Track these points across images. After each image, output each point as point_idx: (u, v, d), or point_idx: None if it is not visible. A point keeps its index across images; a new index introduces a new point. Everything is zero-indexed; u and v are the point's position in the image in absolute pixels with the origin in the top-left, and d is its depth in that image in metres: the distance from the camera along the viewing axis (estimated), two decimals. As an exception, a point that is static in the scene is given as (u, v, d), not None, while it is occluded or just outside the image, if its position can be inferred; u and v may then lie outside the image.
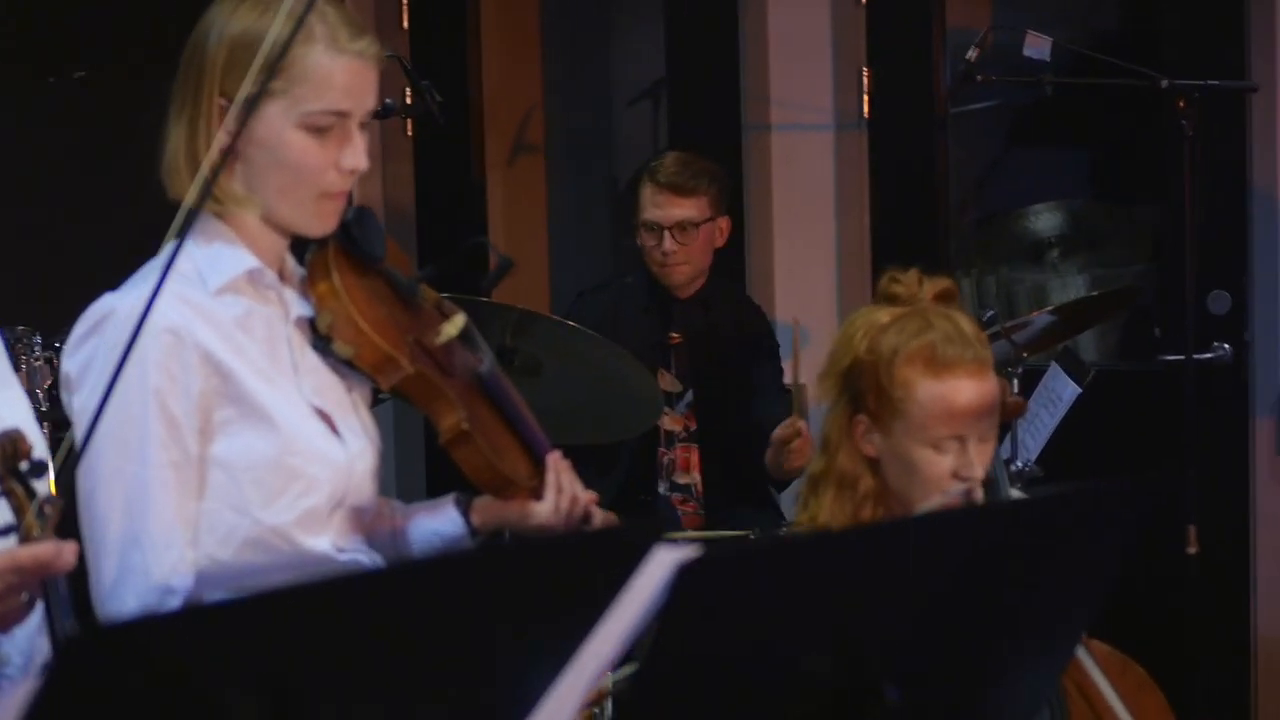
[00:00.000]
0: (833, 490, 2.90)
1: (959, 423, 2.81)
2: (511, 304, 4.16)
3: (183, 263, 2.56)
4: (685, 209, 4.75)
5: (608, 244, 7.15)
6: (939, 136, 5.47)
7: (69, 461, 2.46)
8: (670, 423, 4.86)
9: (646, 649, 1.84)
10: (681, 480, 4.87)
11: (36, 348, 4.23)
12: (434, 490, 2.80)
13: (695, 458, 4.86)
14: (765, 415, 4.83)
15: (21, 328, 4.22)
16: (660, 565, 1.82)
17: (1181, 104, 4.39)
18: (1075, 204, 6.14)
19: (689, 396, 4.88)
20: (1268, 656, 4.95)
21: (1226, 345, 4.99)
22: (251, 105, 2.49)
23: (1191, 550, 4.40)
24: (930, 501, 2.83)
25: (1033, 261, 6.00)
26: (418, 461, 5.95)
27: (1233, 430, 4.99)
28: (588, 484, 4.77)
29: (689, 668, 1.85)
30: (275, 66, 2.47)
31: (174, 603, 2.50)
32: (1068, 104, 5.90)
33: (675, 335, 4.87)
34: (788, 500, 4.82)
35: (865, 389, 2.86)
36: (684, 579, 1.80)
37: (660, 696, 1.86)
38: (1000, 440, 4.35)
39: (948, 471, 2.83)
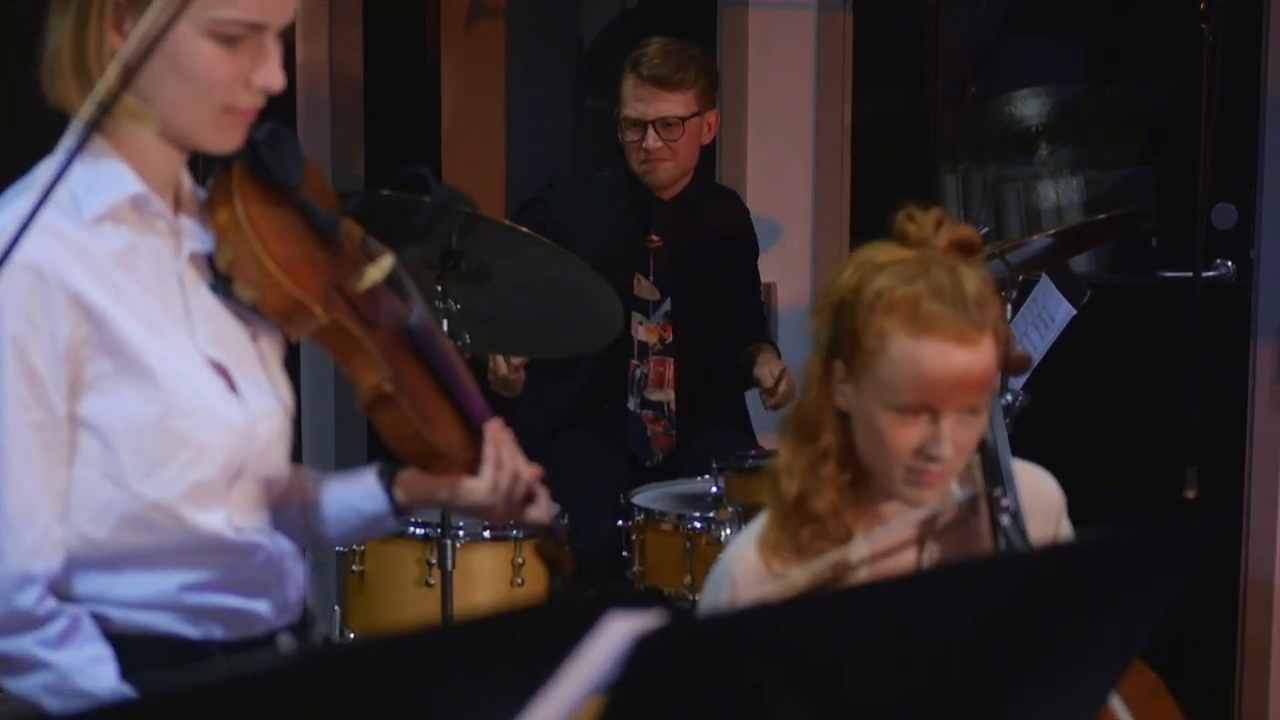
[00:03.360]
0: (793, 438, 2.54)
1: (930, 391, 2.43)
2: (461, 191, 3.75)
3: None
4: (671, 104, 4.40)
5: (569, 111, 6.78)
6: (930, 19, 5.09)
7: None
8: (645, 333, 4.50)
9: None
10: (654, 397, 4.52)
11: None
12: (376, 458, 2.42)
13: (670, 372, 4.52)
14: (741, 326, 4.63)
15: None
16: (614, 636, 1.47)
17: (1202, 5, 4.01)
18: (1064, 89, 5.75)
19: (666, 305, 4.52)
20: (1257, 599, 4.62)
21: (1230, 262, 4.64)
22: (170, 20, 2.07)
23: (1190, 494, 4.05)
24: (910, 498, 2.48)
25: (1022, 155, 5.62)
26: (359, 422, 5.48)
27: (1232, 356, 4.63)
28: (547, 395, 4.52)
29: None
30: None
31: (33, 593, 2.14)
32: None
33: (655, 238, 4.50)
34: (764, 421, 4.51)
35: (844, 332, 2.49)
36: (643, 652, 1.45)
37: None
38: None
39: (912, 445, 2.45)
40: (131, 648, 2.19)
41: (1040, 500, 2.67)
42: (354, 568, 3.87)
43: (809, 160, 5.23)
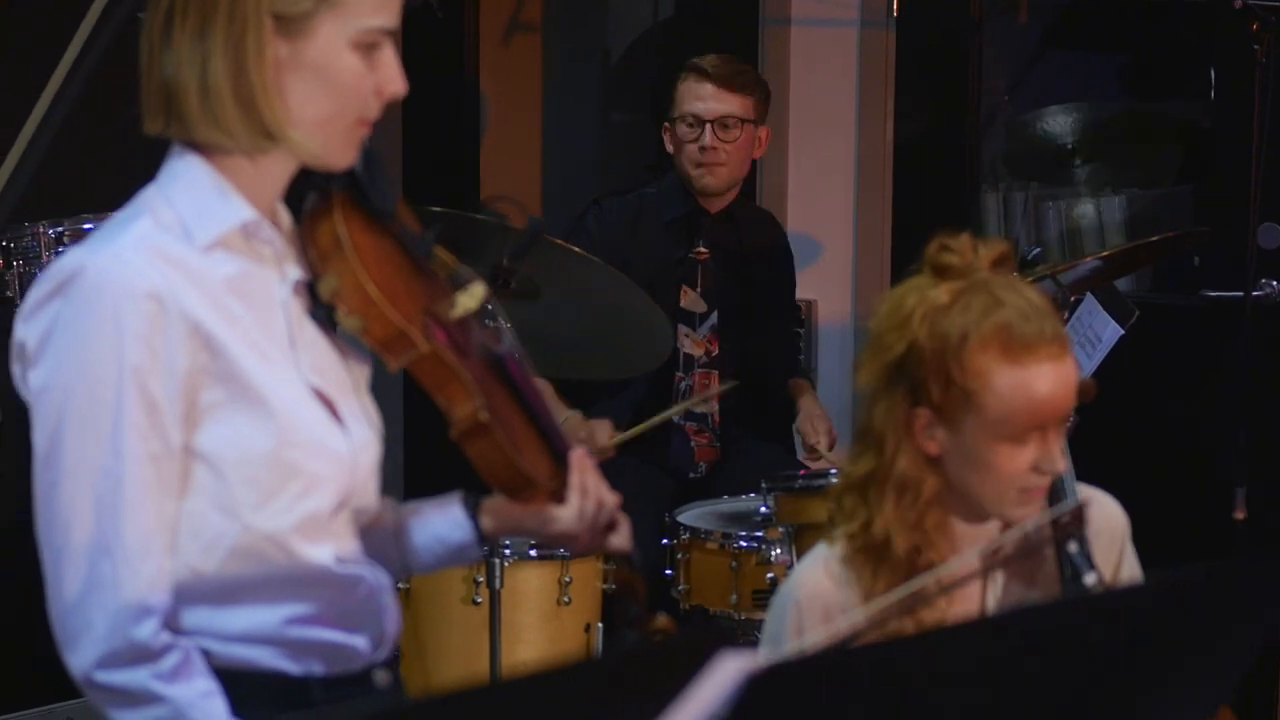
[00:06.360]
0: (893, 496, 2.51)
1: (1041, 412, 2.43)
2: (504, 210, 3.75)
3: (162, 212, 2.14)
4: (731, 104, 4.41)
5: (596, 125, 6.77)
6: (973, 38, 5.07)
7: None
8: (691, 346, 4.51)
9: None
10: (698, 409, 4.51)
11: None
12: (412, 485, 2.40)
13: (714, 385, 4.51)
14: (778, 349, 4.64)
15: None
16: (724, 675, 1.46)
17: (1255, 26, 4.00)
18: (1104, 106, 5.73)
19: (713, 318, 4.52)
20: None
21: (1275, 282, 4.62)
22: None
23: (1238, 516, 4.04)
24: (1018, 517, 2.48)
25: (1062, 173, 5.59)
26: (393, 446, 5.38)
27: (1278, 377, 4.62)
28: (599, 411, 4.50)
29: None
30: None
31: (150, 626, 2.11)
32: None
33: (703, 250, 4.50)
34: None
35: (928, 379, 2.46)
36: (753, 691, 1.45)
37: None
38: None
39: (1027, 466, 2.46)
40: (232, 683, 2.16)
41: (1105, 526, 2.66)
42: (400, 585, 3.84)
43: (850, 177, 5.22)
